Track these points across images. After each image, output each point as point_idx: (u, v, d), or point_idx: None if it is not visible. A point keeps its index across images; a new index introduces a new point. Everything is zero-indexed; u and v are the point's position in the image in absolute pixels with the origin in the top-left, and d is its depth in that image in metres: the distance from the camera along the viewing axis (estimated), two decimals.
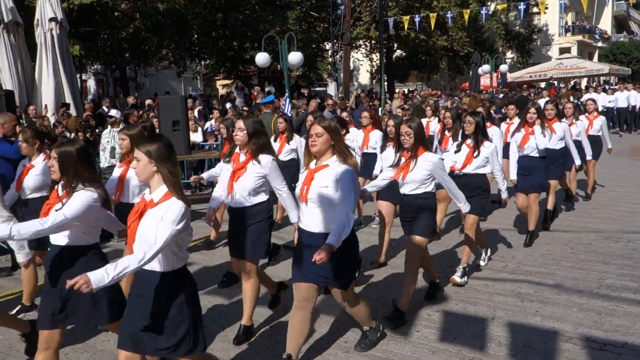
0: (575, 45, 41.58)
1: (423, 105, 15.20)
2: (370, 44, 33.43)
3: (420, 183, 4.62)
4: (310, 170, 3.64)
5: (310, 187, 3.58)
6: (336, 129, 3.66)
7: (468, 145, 5.60)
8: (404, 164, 4.67)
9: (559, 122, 7.33)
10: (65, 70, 12.36)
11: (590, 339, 4.21)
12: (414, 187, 4.64)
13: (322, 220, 3.57)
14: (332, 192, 3.53)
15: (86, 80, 34.08)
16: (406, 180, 4.64)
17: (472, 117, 5.56)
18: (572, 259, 6.19)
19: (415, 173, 4.58)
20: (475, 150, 5.52)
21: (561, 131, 7.29)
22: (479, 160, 5.50)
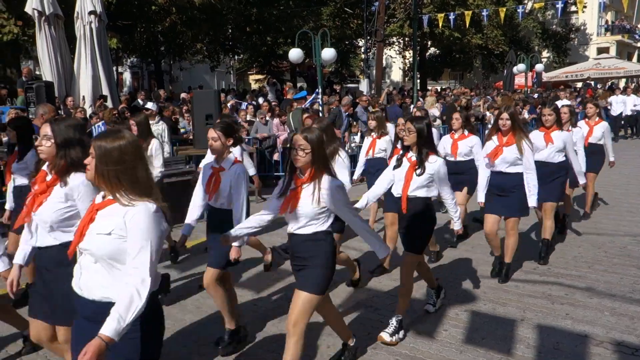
0: (614, 45, 40.58)
1: (455, 104, 15.09)
2: (403, 41, 33.25)
3: None
4: None
5: None
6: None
7: (409, 160, 4.45)
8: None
9: (560, 131, 6.12)
10: (103, 63, 12.61)
11: (622, 344, 4.15)
12: None
13: None
14: None
15: (122, 73, 34.71)
16: None
17: (413, 123, 4.35)
18: (605, 262, 6.09)
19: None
20: (418, 166, 4.37)
21: (560, 141, 6.09)
22: (421, 179, 4.36)
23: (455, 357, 4.01)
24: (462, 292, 5.27)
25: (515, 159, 5.32)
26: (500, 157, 5.37)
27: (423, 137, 4.30)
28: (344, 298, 5.19)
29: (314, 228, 3.41)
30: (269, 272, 6.00)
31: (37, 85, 9.55)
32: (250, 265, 6.24)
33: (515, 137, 5.31)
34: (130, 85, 35.04)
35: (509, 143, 5.32)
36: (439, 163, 4.35)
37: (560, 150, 6.11)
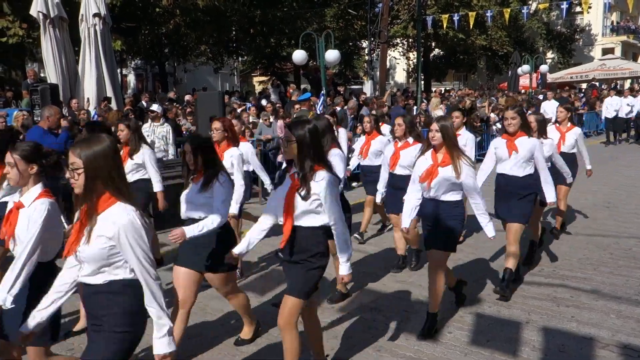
0: (619, 45, 40.46)
1: (460, 105, 15.08)
2: (407, 42, 33.21)
3: None
4: None
5: None
6: None
7: (292, 178, 3.45)
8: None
9: (527, 137, 5.10)
10: (107, 65, 12.62)
11: (628, 346, 4.12)
12: None
13: None
14: None
15: (126, 75, 34.82)
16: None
17: (293, 130, 3.33)
18: (610, 264, 6.06)
19: None
20: (300, 187, 3.33)
21: (526, 150, 5.09)
22: (306, 204, 3.34)
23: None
24: (467, 295, 5.24)
25: (451, 185, 4.26)
26: (435, 180, 4.25)
27: (305, 148, 3.30)
28: (348, 300, 5.18)
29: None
30: (272, 274, 5.98)
31: (42, 88, 9.57)
32: (255, 267, 6.23)
33: (449, 154, 4.26)
34: (134, 87, 35.13)
35: (444, 163, 4.24)
36: (326, 181, 3.31)
37: (527, 160, 5.14)
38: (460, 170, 4.19)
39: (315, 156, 3.34)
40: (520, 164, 5.12)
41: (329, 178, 3.32)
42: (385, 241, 7.09)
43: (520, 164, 5.13)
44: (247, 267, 6.19)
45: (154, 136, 9.00)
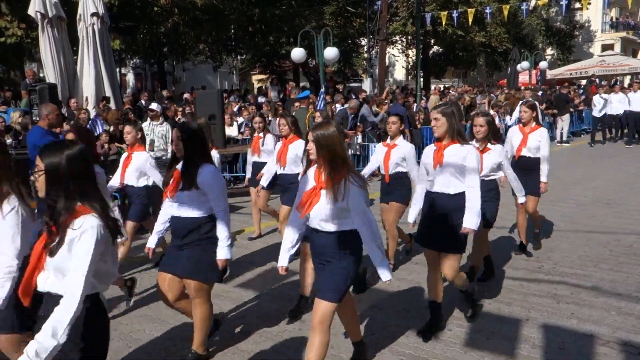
0: (618, 42, 40.45)
1: (459, 102, 15.07)
2: (406, 39, 33.16)
3: None
4: None
5: None
6: None
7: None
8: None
9: (459, 145, 4.10)
10: (106, 64, 12.61)
11: (628, 343, 4.11)
12: None
13: None
14: None
15: (125, 74, 34.77)
16: None
17: (179, 131, 3.67)
18: (611, 261, 6.05)
19: None
20: (182, 181, 3.71)
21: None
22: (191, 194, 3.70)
23: (459, 357, 3.98)
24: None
25: (332, 213, 3.29)
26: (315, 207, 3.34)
27: (191, 144, 3.64)
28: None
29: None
30: (271, 273, 5.97)
31: (40, 87, 9.54)
32: (254, 265, 6.22)
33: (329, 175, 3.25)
34: (133, 87, 35.10)
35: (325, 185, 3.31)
36: (210, 173, 3.64)
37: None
38: (337, 196, 3.18)
39: (199, 153, 3.68)
40: (448, 178, 4.14)
41: (212, 170, 3.72)
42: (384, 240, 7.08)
43: (448, 178, 4.14)
44: (244, 265, 6.19)
45: (153, 135, 9.01)
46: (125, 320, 4.79)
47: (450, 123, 4.05)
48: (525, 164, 6.09)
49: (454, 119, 4.08)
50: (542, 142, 6.03)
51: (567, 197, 9.45)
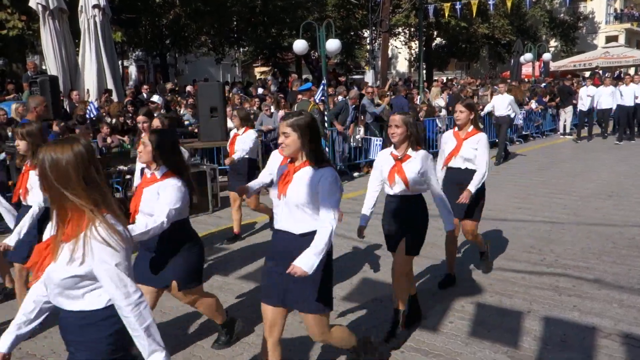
0: (623, 33, 40.18)
1: (462, 94, 15.00)
2: (409, 31, 33.04)
3: None
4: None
5: None
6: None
7: None
8: None
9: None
10: (108, 56, 12.60)
11: (630, 336, 4.10)
12: None
13: None
14: None
15: (128, 67, 34.73)
16: None
17: (150, 137, 3.67)
18: (613, 253, 6.03)
19: None
20: None
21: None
22: None
23: (460, 350, 3.98)
24: (469, 284, 5.24)
25: None
26: None
27: (160, 151, 3.55)
28: (348, 290, 5.17)
29: None
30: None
31: (41, 80, 9.53)
32: (255, 257, 6.22)
33: None
34: (136, 79, 35.06)
35: None
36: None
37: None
38: None
39: (170, 158, 3.61)
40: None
41: (174, 184, 3.56)
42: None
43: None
44: (246, 258, 6.19)
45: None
46: None
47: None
48: (456, 177, 4.97)
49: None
50: (480, 151, 4.86)
51: (569, 190, 9.42)
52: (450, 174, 5.05)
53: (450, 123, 14.04)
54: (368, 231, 4.33)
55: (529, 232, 6.93)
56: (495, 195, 9.09)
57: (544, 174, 11.06)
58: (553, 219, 7.51)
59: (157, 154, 3.54)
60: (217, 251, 6.52)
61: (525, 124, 16.76)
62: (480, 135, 4.91)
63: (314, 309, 3.10)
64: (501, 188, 9.70)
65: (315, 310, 3.10)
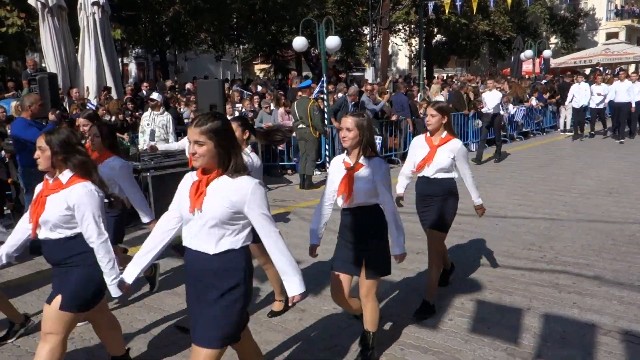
0: (623, 30, 40.12)
1: (462, 91, 14.98)
2: (409, 28, 32.99)
3: None
4: None
5: None
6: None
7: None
8: None
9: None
10: (107, 54, 12.59)
11: (629, 333, 4.09)
12: None
13: None
14: None
15: (128, 64, 34.73)
16: None
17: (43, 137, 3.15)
18: (613, 250, 6.02)
19: None
20: None
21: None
22: None
23: (460, 347, 3.97)
24: (468, 281, 5.23)
25: None
26: None
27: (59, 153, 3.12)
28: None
29: None
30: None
31: (40, 77, 9.47)
32: None
33: None
34: (136, 76, 35.06)
35: None
36: None
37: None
38: None
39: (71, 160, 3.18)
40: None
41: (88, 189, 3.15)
42: None
43: None
44: None
45: (154, 125, 8.99)
46: (126, 310, 4.80)
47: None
48: (425, 187, 4.52)
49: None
50: (460, 161, 4.44)
51: (570, 186, 9.41)
52: (420, 184, 4.57)
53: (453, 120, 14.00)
54: None
55: (529, 229, 6.92)
56: (495, 192, 9.10)
57: (544, 170, 11.04)
58: (553, 216, 7.51)
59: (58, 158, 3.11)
60: None
61: (526, 120, 16.76)
62: (455, 142, 4.42)
63: (206, 342, 2.70)
64: (501, 185, 9.70)
65: (207, 344, 2.69)
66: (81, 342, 4.19)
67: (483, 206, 4.84)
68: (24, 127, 6.14)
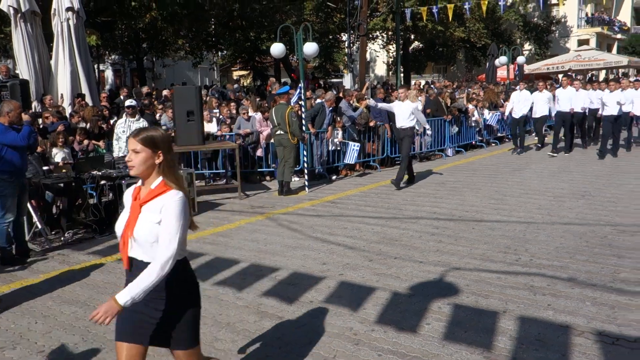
0: (594, 37, 40.98)
1: (440, 97, 15.13)
2: (387, 35, 33.23)
3: None
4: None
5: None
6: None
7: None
8: None
9: None
10: (82, 60, 12.44)
11: (603, 333, 4.16)
12: None
13: None
14: None
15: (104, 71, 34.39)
16: None
17: None
18: (586, 252, 6.12)
19: None
20: None
21: None
22: None
23: (437, 351, 3.99)
24: (445, 285, 5.27)
25: None
26: None
27: None
28: (326, 293, 5.16)
29: None
30: (250, 269, 5.94)
31: (11, 84, 9.36)
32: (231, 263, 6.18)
33: None
34: (112, 83, 34.71)
35: None
36: None
37: None
38: None
39: None
40: None
41: None
42: (360, 233, 7.09)
43: None
44: (221, 263, 6.14)
45: (129, 132, 8.91)
46: None
47: None
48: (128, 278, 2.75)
49: None
50: (166, 223, 2.59)
51: (544, 190, 9.55)
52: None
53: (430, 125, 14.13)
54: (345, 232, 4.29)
55: (505, 233, 7.00)
56: (471, 197, 9.19)
57: (519, 175, 11.19)
58: (528, 219, 7.61)
59: None
60: (194, 257, 6.46)
61: (501, 125, 16.99)
62: (170, 195, 2.62)
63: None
64: (477, 189, 9.81)
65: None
66: None
67: None
68: (2, 132, 6.08)
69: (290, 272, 5.74)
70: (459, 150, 15.18)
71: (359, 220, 7.86)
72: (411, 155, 11.30)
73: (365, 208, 8.68)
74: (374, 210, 8.45)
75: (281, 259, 6.25)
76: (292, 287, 5.29)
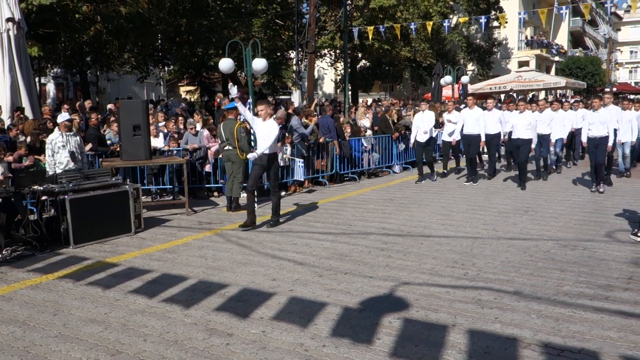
0: (533, 59, 42.85)
1: (387, 115, 15.37)
2: (334, 53, 33.64)
3: None
4: None
5: None
6: None
7: None
8: None
9: None
10: (22, 72, 11.98)
11: (548, 345, 4.26)
12: None
13: None
14: None
15: (45, 84, 33.28)
16: None
17: None
18: (530, 266, 6.29)
19: None
20: None
21: None
22: None
23: None
24: (395, 300, 5.29)
25: None
26: None
27: None
28: (277, 309, 5.08)
29: None
30: (200, 285, 5.80)
31: None
32: (179, 279, 6.03)
33: None
34: (54, 97, 33.62)
35: None
36: None
37: None
38: None
39: None
40: None
41: None
42: (310, 249, 7.07)
43: None
44: (169, 280, 5.99)
45: (69, 146, 8.70)
46: None
47: None
48: None
49: None
50: None
51: (488, 206, 9.80)
52: None
53: (379, 142, 14.33)
54: (294, 248, 4.24)
55: (452, 247, 7.13)
56: (420, 212, 9.33)
57: (465, 191, 11.46)
58: (474, 234, 7.77)
59: None
60: (141, 274, 6.27)
61: None
62: None
63: None
64: (425, 205, 9.97)
65: None
66: None
67: None
68: None
69: (239, 288, 5.64)
70: (406, 167, 15.43)
71: (309, 236, 7.84)
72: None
73: (315, 224, 8.66)
74: (323, 226, 8.46)
75: (230, 275, 6.14)
76: (242, 303, 5.20)
